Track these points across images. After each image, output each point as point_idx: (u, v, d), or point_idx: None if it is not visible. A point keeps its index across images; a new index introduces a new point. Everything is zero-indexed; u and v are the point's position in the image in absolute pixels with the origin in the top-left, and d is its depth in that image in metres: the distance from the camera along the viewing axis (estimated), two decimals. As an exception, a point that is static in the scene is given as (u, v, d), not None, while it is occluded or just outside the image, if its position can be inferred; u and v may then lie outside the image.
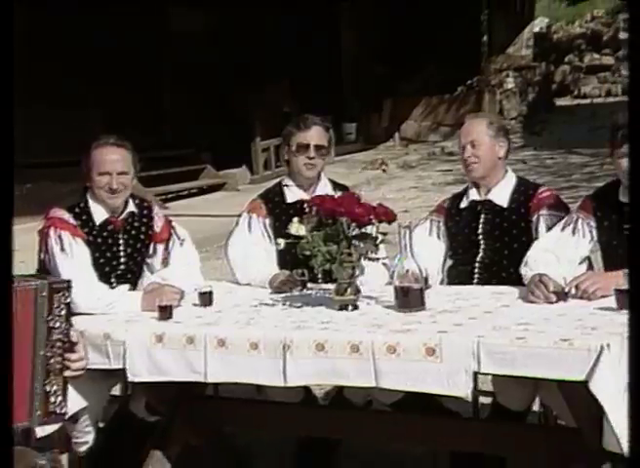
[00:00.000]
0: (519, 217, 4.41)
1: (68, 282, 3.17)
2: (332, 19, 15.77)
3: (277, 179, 4.97)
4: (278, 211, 4.67)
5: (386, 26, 16.44)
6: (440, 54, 16.62)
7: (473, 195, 4.53)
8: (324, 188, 4.67)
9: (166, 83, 13.53)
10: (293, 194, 4.71)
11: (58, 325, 3.12)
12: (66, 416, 3.28)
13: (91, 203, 4.40)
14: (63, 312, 3.12)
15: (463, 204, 4.56)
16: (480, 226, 4.46)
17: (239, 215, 4.76)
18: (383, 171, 14.13)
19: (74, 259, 4.27)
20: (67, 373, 3.18)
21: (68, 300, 3.13)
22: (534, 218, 4.37)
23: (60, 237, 4.30)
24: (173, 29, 13.52)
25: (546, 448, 3.77)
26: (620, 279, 3.78)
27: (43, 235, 4.37)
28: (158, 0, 13.04)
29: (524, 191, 4.48)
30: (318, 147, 4.68)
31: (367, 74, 16.42)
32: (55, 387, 3.13)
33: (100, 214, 4.40)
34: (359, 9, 16.03)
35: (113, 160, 4.34)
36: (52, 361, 3.12)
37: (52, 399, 3.12)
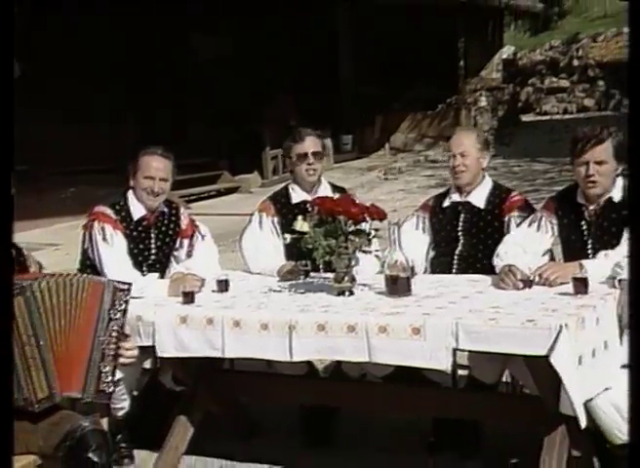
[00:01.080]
0: (493, 218, 4.40)
1: (129, 285, 3.26)
2: (332, 50, 15.79)
3: (284, 183, 4.93)
4: (285, 210, 4.66)
5: (378, 54, 16.48)
6: (424, 76, 16.72)
7: (455, 196, 4.51)
8: (324, 190, 4.65)
9: (190, 101, 13.52)
10: (297, 196, 4.69)
11: (117, 316, 3.20)
12: (111, 396, 3.35)
13: (130, 202, 4.42)
14: (122, 307, 3.20)
15: (446, 203, 4.53)
16: (460, 224, 4.45)
17: (251, 214, 4.76)
18: (384, 174, 14.16)
19: (114, 248, 4.31)
20: (122, 360, 3.27)
21: (127, 299, 3.21)
22: (506, 219, 4.36)
23: (102, 229, 4.33)
24: (195, 54, 13.52)
25: (514, 413, 3.82)
26: (576, 268, 3.83)
27: (88, 227, 4.40)
28: (182, 28, 13.00)
29: (498, 195, 4.47)
30: (315, 153, 4.66)
31: (362, 94, 16.44)
32: (107, 369, 3.19)
33: (137, 211, 4.42)
34: (356, 41, 16.09)
35: (158, 167, 4.38)
36: (108, 346, 3.18)
37: (103, 378, 3.18)
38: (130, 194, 4.45)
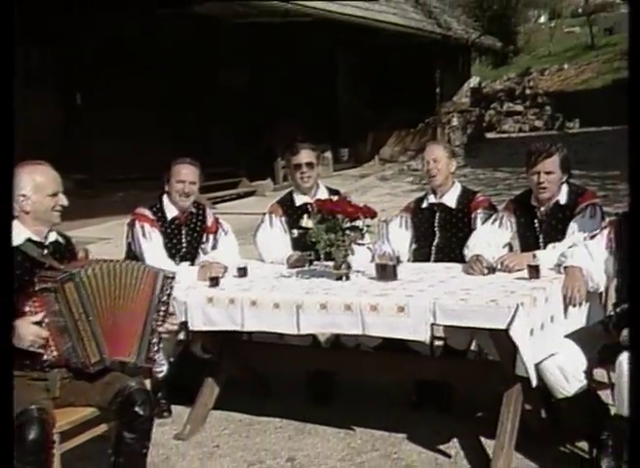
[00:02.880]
0: (463, 215, 4.38)
1: (174, 274, 3.30)
2: (332, 82, 15.84)
3: (289, 189, 4.89)
4: (290, 211, 4.63)
5: (370, 84, 16.50)
6: (407, 101, 16.75)
7: (431, 199, 4.48)
8: (322, 194, 4.59)
9: (215, 121, 13.53)
10: (299, 199, 4.64)
11: (165, 299, 3.22)
12: (156, 361, 3.41)
13: (165, 204, 4.41)
14: (169, 292, 3.23)
15: (424, 205, 4.50)
16: (436, 221, 4.42)
17: (264, 214, 4.75)
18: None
19: (152, 242, 4.31)
20: (166, 334, 3.32)
21: (173, 284, 3.24)
22: (473, 216, 4.34)
23: (142, 227, 4.33)
24: (220, 85, 13.56)
25: (480, 375, 3.82)
26: (530, 258, 3.82)
27: (130, 225, 4.40)
28: (210, 65, 13.04)
29: (466, 196, 4.45)
30: (308, 164, 4.60)
31: (356, 116, 16.45)
32: (155, 340, 3.22)
33: (170, 212, 4.41)
34: (351, 75, 16.14)
35: (187, 173, 4.37)
36: (156, 323, 3.20)
37: (152, 348, 3.21)
38: (164, 198, 4.44)
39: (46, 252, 3.20)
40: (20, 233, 3.13)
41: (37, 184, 3.16)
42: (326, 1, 13.26)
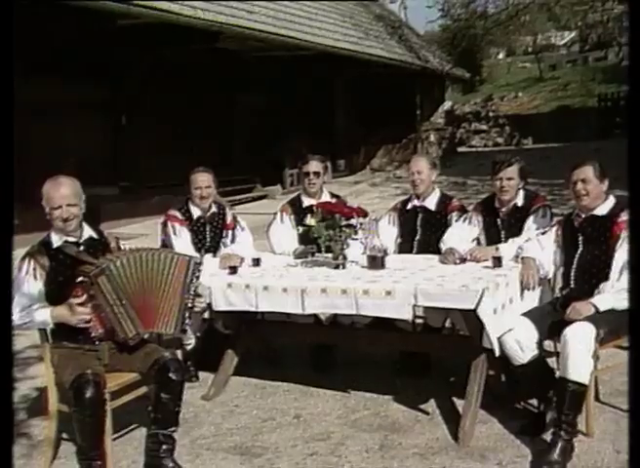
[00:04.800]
0: (440, 216, 4.33)
1: (202, 260, 3.29)
2: (330, 105, 15.80)
3: (296, 193, 4.86)
4: (298, 211, 4.58)
5: (362, 107, 16.45)
6: (392, 121, 16.72)
7: (414, 202, 4.41)
8: (325, 197, 4.56)
9: (234, 137, 13.50)
10: (306, 201, 4.59)
11: (194, 281, 3.21)
12: (187, 333, 3.46)
13: (190, 206, 4.38)
14: (197, 275, 3.22)
15: (409, 206, 4.44)
16: (418, 220, 4.37)
17: (275, 213, 4.71)
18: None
19: (181, 239, 4.29)
20: (195, 310, 3.30)
21: (201, 269, 3.23)
22: (449, 217, 4.31)
23: (173, 226, 4.31)
24: (238, 105, 13.52)
25: (452, 347, 3.82)
26: (494, 250, 3.83)
27: (164, 225, 4.39)
28: (230, 89, 12.98)
29: (444, 201, 4.39)
30: (315, 172, 4.55)
31: (351, 133, 16.43)
32: (187, 315, 3.20)
33: (195, 212, 4.37)
34: (346, 100, 16.11)
35: (203, 179, 4.32)
36: (188, 300, 3.20)
37: (186, 321, 3.20)
38: (190, 201, 4.40)
39: (81, 248, 3.18)
40: (58, 237, 3.17)
41: (46, 198, 3.14)
42: (326, 38, 13.43)
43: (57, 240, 3.15)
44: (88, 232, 3.26)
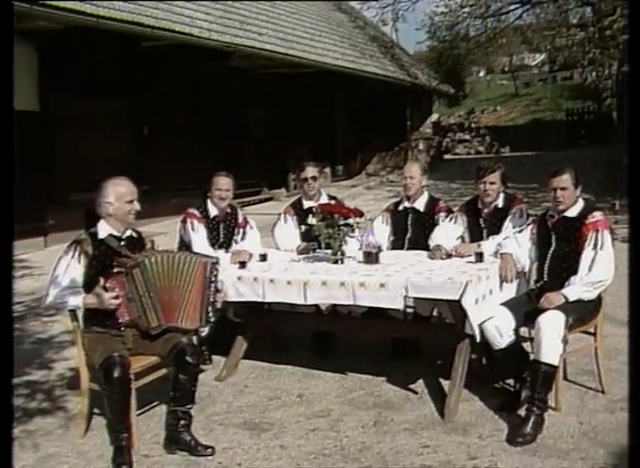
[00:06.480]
0: (429, 216, 4.31)
1: (218, 260, 3.31)
2: (330, 118, 15.78)
3: (298, 195, 4.81)
4: (299, 212, 4.56)
5: (359, 120, 16.45)
6: (386, 131, 16.73)
7: (405, 203, 4.39)
8: (324, 199, 4.54)
9: (245, 146, 13.49)
10: (306, 203, 4.56)
11: (214, 279, 3.22)
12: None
13: (208, 205, 4.37)
14: (216, 273, 3.24)
15: (400, 207, 4.42)
16: (409, 220, 4.35)
17: (279, 214, 4.69)
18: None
19: (198, 234, 4.27)
20: (217, 304, 3.30)
21: (218, 268, 3.25)
22: (436, 217, 4.28)
23: (192, 223, 4.30)
24: (249, 118, 13.49)
25: (439, 334, 3.81)
26: (476, 247, 3.82)
27: (183, 222, 4.37)
28: (241, 104, 12.97)
29: (432, 203, 4.37)
30: (312, 177, 4.53)
31: (348, 142, 16.43)
32: (210, 308, 3.21)
33: (212, 211, 4.36)
34: (345, 113, 16.10)
35: (224, 183, 4.31)
36: (211, 296, 3.21)
37: (209, 314, 3.21)
38: (208, 201, 4.39)
39: (122, 243, 3.20)
40: (104, 230, 3.18)
41: (119, 194, 3.16)
42: (326, 57, 13.45)
43: (103, 233, 3.17)
44: (129, 230, 3.28)
